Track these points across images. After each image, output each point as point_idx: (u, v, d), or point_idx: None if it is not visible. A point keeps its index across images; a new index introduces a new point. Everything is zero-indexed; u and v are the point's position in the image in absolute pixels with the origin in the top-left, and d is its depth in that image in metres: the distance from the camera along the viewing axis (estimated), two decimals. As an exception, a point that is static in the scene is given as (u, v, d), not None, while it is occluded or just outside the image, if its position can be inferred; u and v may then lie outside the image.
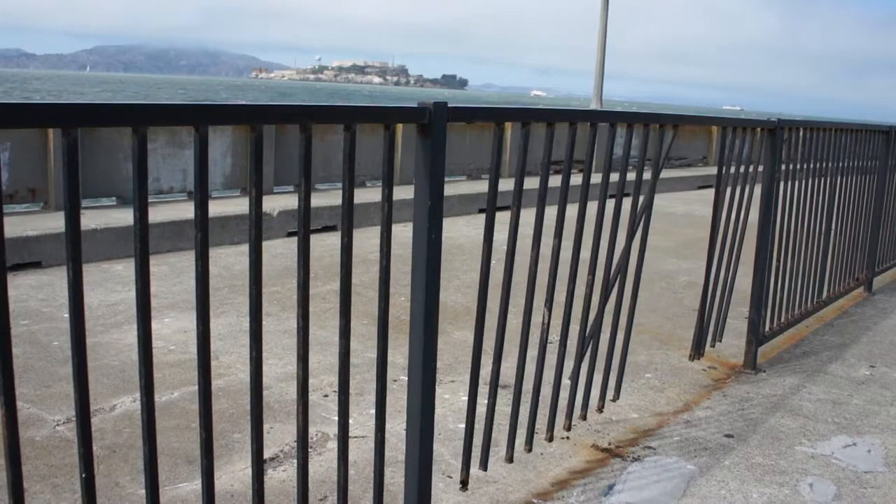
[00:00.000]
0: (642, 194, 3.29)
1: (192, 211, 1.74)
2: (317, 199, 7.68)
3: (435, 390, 2.28)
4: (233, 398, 3.60)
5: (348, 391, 2.09)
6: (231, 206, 7.53)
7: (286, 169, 8.80)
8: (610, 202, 3.08)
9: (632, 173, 3.24)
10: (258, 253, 1.82)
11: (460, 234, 8.06)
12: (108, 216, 6.73)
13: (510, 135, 10.45)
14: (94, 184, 7.35)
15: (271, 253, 6.65)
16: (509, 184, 2.63)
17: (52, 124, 1.47)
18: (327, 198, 8.17)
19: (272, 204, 7.66)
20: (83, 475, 1.58)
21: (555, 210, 2.78)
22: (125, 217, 6.66)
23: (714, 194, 3.98)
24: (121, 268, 5.99)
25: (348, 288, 2.04)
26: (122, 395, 3.57)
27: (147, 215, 1.60)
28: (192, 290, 4.58)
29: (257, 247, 1.81)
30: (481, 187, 10.24)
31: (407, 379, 2.29)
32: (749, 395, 3.96)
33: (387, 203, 2.08)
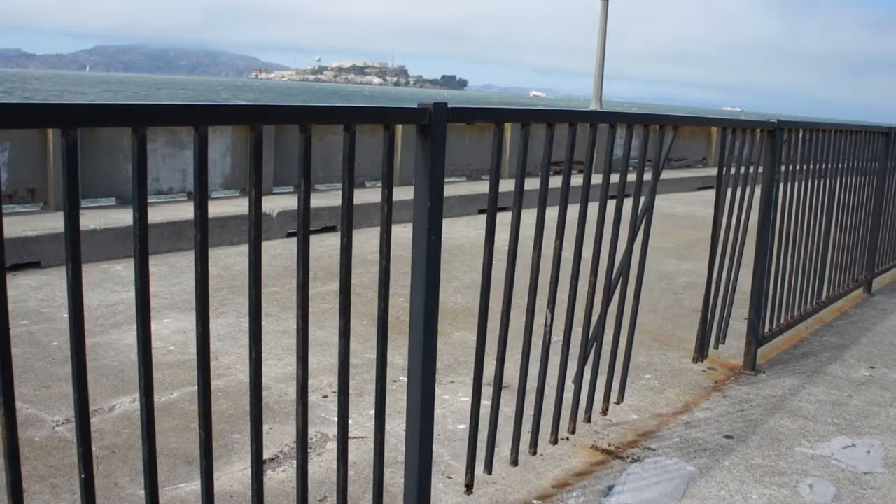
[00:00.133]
0: (643, 195, 3.29)
1: (191, 211, 1.74)
2: (316, 200, 7.68)
3: (434, 391, 2.28)
4: (232, 399, 3.59)
5: (348, 392, 2.09)
6: (231, 206, 7.53)
7: (286, 169, 8.80)
8: (610, 203, 3.08)
9: (632, 174, 3.23)
10: (258, 253, 1.81)
11: (460, 235, 8.06)
12: (107, 216, 6.73)
13: (509, 135, 10.45)
14: (93, 184, 7.35)
15: (271, 253, 6.65)
16: (509, 184, 2.63)
17: (52, 124, 1.47)
18: (327, 198, 8.17)
19: (272, 204, 7.66)
20: (82, 476, 1.57)
21: (554, 211, 2.78)
22: (125, 217, 6.66)
23: (715, 196, 3.98)
24: (120, 268, 5.99)
25: (348, 289, 2.04)
26: (122, 396, 3.57)
27: (146, 215, 1.60)
28: (191, 291, 4.58)
29: (257, 247, 1.81)
30: (481, 188, 10.24)
31: (406, 380, 2.29)
32: (749, 396, 3.96)
33: (386, 204, 2.08)
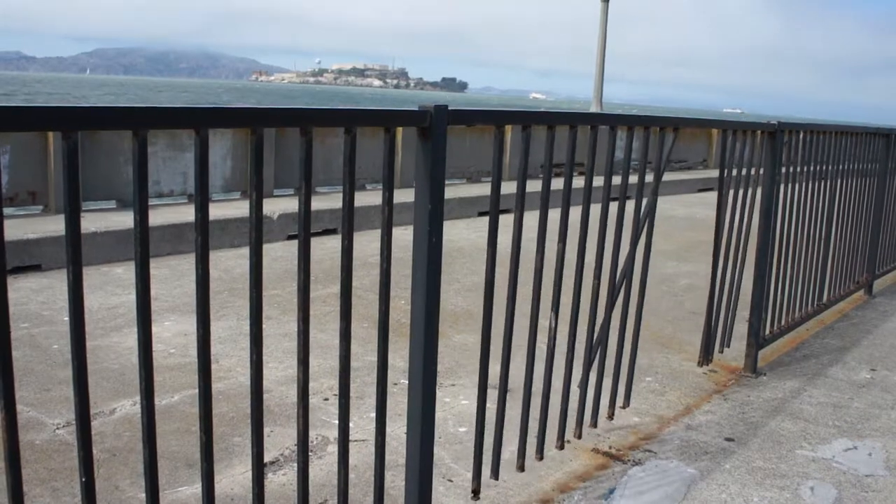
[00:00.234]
0: (644, 197, 3.29)
1: (192, 214, 1.74)
2: (317, 202, 7.67)
3: (435, 394, 2.28)
4: (233, 402, 3.59)
5: (349, 395, 2.09)
6: (231, 209, 7.53)
7: (286, 172, 8.80)
8: (611, 205, 3.07)
9: (633, 176, 3.23)
10: (258, 256, 1.81)
11: (460, 238, 8.06)
12: (108, 219, 6.73)
13: (510, 137, 10.45)
14: (94, 187, 7.35)
15: (271, 256, 6.65)
16: (509, 187, 2.63)
17: (53, 127, 1.47)
18: (328, 201, 8.17)
19: (272, 207, 7.66)
20: (83, 479, 1.57)
21: (555, 213, 2.78)
22: (125, 220, 6.66)
23: (717, 198, 3.97)
24: (121, 271, 5.99)
25: (349, 291, 2.04)
26: (122, 399, 3.57)
27: (147, 218, 1.60)
28: (192, 294, 4.58)
29: (258, 250, 1.81)
30: (481, 190, 10.24)
31: (407, 382, 2.28)
32: (749, 399, 3.96)
33: (387, 206, 2.08)
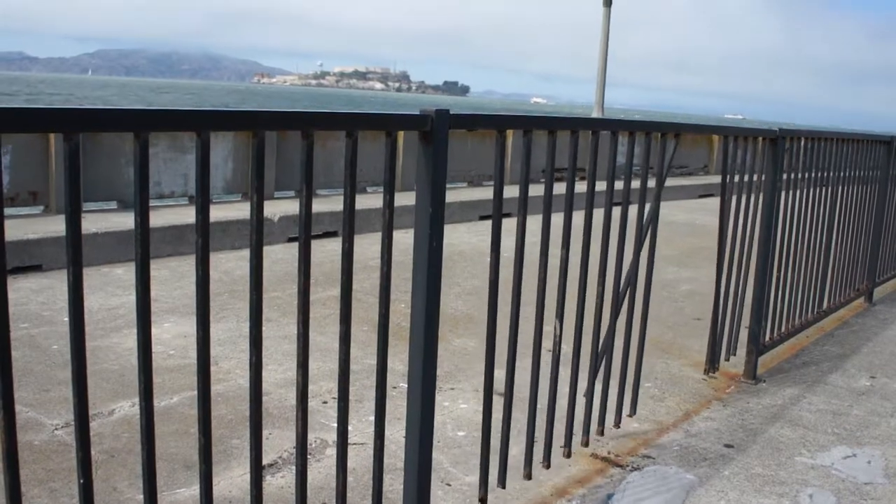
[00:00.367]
0: (646, 202, 3.29)
1: (192, 215, 1.74)
2: (318, 205, 7.68)
3: (434, 398, 2.28)
4: (232, 404, 3.59)
5: (348, 398, 2.09)
6: (232, 210, 7.54)
7: (287, 174, 8.81)
8: (612, 211, 3.07)
9: (635, 181, 3.24)
10: (259, 258, 1.81)
11: (461, 241, 8.06)
12: (109, 220, 6.74)
13: (511, 142, 10.45)
14: (95, 187, 7.35)
15: (272, 258, 6.65)
16: (509, 191, 2.63)
17: (55, 129, 1.47)
18: (328, 203, 8.17)
19: (273, 209, 7.67)
20: (81, 480, 1.57)
21: (555, 217, 2.78)
22: (126, 221, 6.66)
23: (720, 205, 3.97)
24: (121, 271, 5.99)
25: (349, 294, 2.04)
26: (121, 400, 3.57)
27: (148, 219, 1.60)
28: (192, 295, 4.57)
29: (258, 252, 1.81)
30: (482, 194, 10.25)
31: (406, 386, 2.28)
32: (749, 405, 3.95)
33: (388, 209, 2.08)
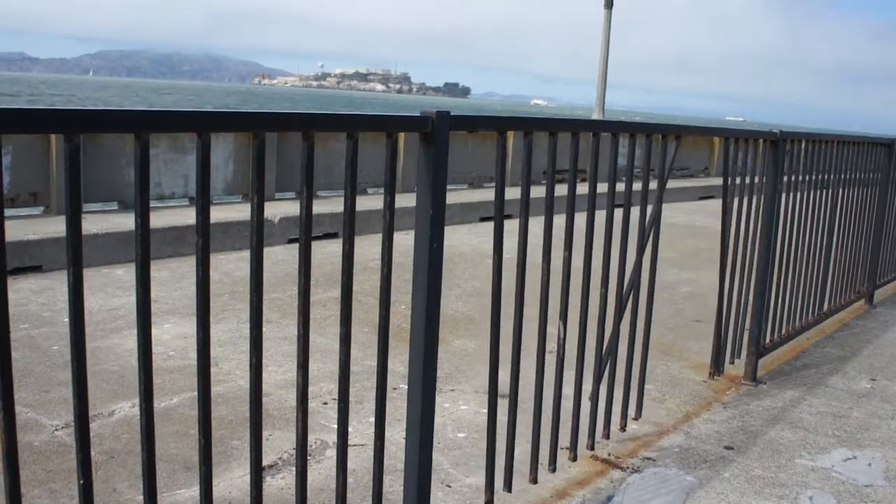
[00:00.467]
0: (647, 204, 3.29)
1: (193, 216, 1.74)
2: (318, 206, 7.68)
3: (435, 399, 2.28)
4: (232, 405, 3.59)
5: (348, 399, 2.08)
6: (233, 212, 7.54)
7: (288, 175, 8.81)
8: (612, 213, 3.07)
9: (636, 183, 3.24)
10: (259, 259, 1.82)
11: (462, 243, 8.06)
12: (109, 221, 6.74)
13: (512, 143, 10.46)
14: (96, 188, 7.36)
15: (272, 259, 6.65)
16: (510, 192, 2.63)
17: (56, 130, 1.47)
18: (329, 205, 8.17)
19: (274, 210, 7.67)
20: (81, 481, 1.57)
21: (557, 219, 2.78)
22: (126, 222, 6.67)
23: (722, 207, 3.97)
24: (121, 272, 5.99)
25: (349, 295, 2.04)
26: (121, 401, 3.57)
27: (148, 220, 1.60)
28: (192, 296, 4.58)
29: (258, 253, 1.81)
30: (483, 196, 10.25)
31: (407, 387, 2.28)
32: (749, 408, 3.95)
33: (389, 211, 2.08)
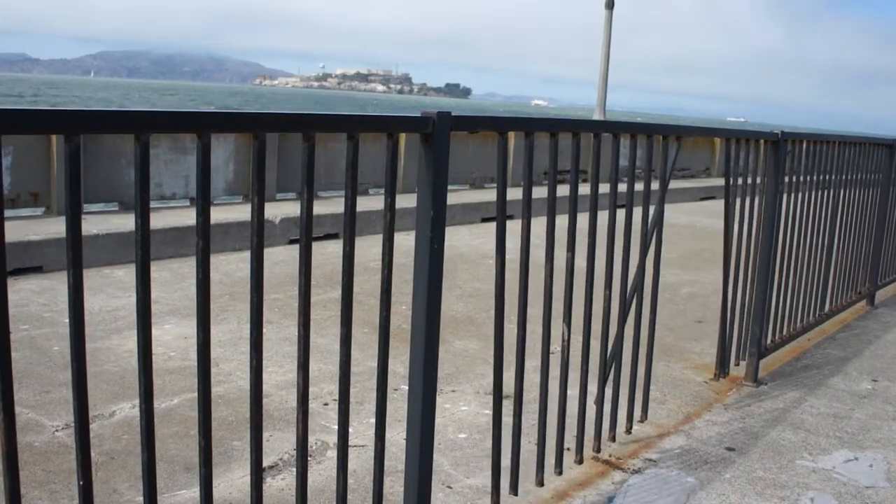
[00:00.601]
0: (649, 205, 3.29)
1: (193, 217, 1.74)
2: (319, 207, 7.68)
3: (435, 400, 2.28)
4: (232, 406, 3.59)
5: (348, 400, 2.08)
6: (233, 212, 7.54)
7: (288, 176, 8.81)
8: (614, 214, 3.07)
9: (637, 184, 3.23)
10: (259, 260, 1.81)
11: (462, 243, 8.05)
12: (109, 221, 6.74)
13: (513, 144, 10.46)
14: (96, 189, 7.36)
15: (273, 260, 6.64)
16: (510, 193, 2.63)
17: (56, 131, 1.47)
18: (329, 205, 8.17)
19: (274, 211, 7.66)
20: (81, 482, 1.57)
21: (558, 220, 2.78)
22: (127, 222, 6.67)
23: (724, 208, 3.96)
24: (122, 273, 5.99)
25: (350, 296, 2.03)
26: (122, 402, 3.57)
27: (149, 221, 1.60)
28: (193, 297, 4.58)
29: (259, 254, 1.81)
30: (484, 196, 10.25)
31: (407, 388, 2.28)
32: (750, 408, 3.95)
33: (389, 212, 2.08)
